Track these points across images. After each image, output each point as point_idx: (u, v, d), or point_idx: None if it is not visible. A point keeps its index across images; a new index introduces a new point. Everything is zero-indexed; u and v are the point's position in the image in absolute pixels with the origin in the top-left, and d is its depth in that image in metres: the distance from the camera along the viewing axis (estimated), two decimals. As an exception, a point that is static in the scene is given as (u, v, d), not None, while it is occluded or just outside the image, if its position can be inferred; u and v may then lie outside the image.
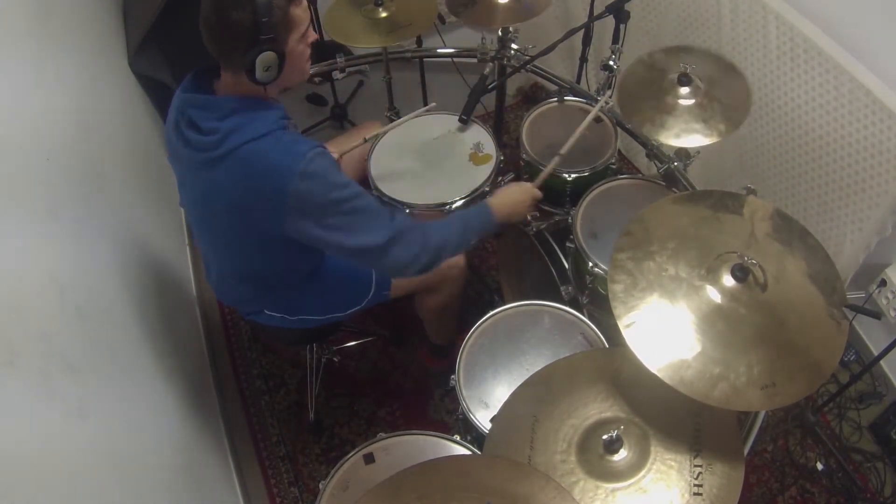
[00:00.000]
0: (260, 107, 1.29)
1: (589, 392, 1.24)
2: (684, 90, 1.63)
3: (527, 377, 1.31)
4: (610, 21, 1.93)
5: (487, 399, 1.49)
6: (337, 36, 2.00)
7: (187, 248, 2.45)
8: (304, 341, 2.02)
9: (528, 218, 1.88)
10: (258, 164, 1.25)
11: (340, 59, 2.23)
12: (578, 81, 2.44)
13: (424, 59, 2.58)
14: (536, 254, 1.87)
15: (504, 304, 1.63)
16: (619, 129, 1.95)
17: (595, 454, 1.14)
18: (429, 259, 1.43)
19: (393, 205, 1.79)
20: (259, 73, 1.22)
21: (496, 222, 1.58)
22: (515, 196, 1.65)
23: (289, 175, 1.23)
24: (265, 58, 1.21)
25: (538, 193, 1.70)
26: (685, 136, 1.61)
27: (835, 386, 2.04)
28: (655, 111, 1.64)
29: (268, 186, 1.25)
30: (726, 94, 1.62)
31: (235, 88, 1.29)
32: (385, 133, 1.91)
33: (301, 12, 1.26)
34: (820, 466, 1.96)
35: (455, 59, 2.52)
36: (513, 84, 3.05)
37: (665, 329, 1.12)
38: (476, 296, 2.38)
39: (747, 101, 1.62)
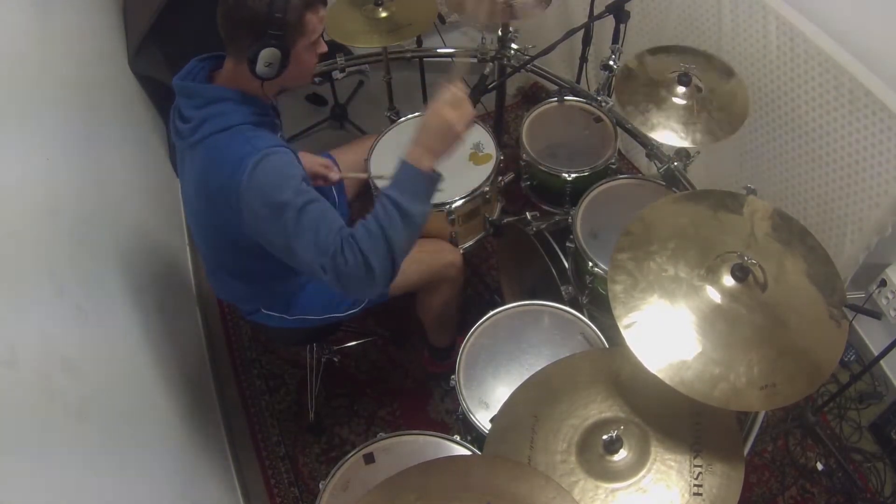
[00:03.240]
0: (239, 100, 1.29)
1: (589, 392, 1.24)
2: (682, 90, 1.63)
3: (527, 377, 1.31)
4: (610, 21, 1.93)
5: (487, 399, 1.49)
6: (337, 36, 2.00)
7: (187, 247, 2.45)
8: (304, 341, 2.02)
9: (532, 215, 1.86)
10: (217, 157, 1.25)
11: (340, 59, 2.23)
12: (578, 81, 2.44)
13: (424, 59, 2.58)
14: (536, 254, 1.87)
15: (504, 304, 1.63)
16: (619, 129, 1.96)
17: (595, 454, 1.14)
18: (383, 273, 1.23)
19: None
20: (259, 67, 1.23)
21: (430, 173, 1.24)
22: (434, 123, 1.24)
23: (241, 169, 1.22)
24: (268, 53, 1.22)
25: (461, 94, 1.25)
26: (677, 134, 1.62)
27: (835, 386, 2.04)
28: (652, 107, 1.64)
29: (224, 180, 1.25)
30: (725, 100, 1.62)
31: (233, 79, 1.30)
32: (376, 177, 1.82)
33: (316, 21, 1.27)
34: (820, 466, 1.96)
35: (455, 59, 2.51)
36: (513, 84, 3.05)
37: (665, 329, 1.12)
38: (476, 296, 2.38)
39: (745, 109, 1.62)
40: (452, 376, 1.51)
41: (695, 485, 1.10)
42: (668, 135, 1.62)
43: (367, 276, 1.21)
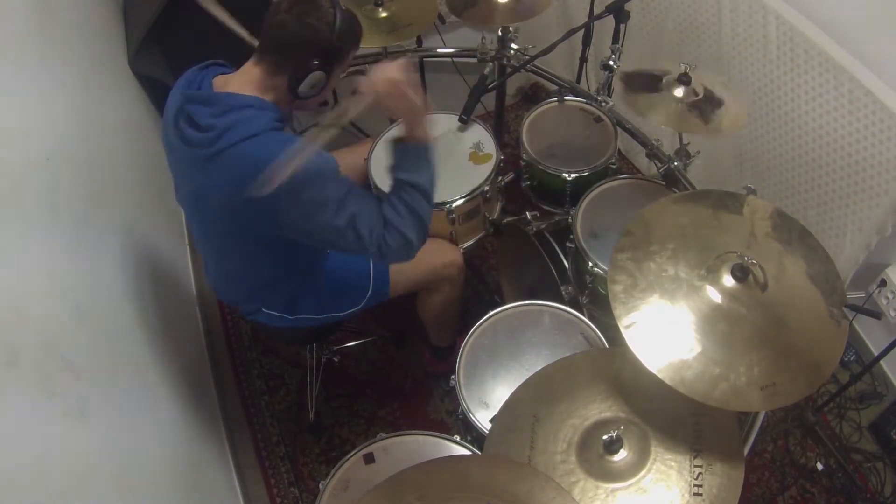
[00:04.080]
0: (260, 106, 1.28)
1: (589, 392, 1.24)
2: (682, 90, 1.63)
3: (527, 377, 1.31)
4: (610, 21, 1.93)
5: (487, 399, 1.49)
6: (337, 36, 1.99)
7: (187, 248, 2.45)
8: (304, 341, 2.02)
9: (532, 215, 1.86)
10: (248, 164, 1.24)
11: (340, 59, 2.23)
12: (578, 81, 2.44)
13: (424, 59, 2.58)
14: (536, 254, 1.87)
15: (504, 304, 1.63)
16: (619, 129, 1.96)
17: (595, 454, 1.14)
18: (420, 239, 1.36)
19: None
20: (304, 87, 1.25)
21: (423, 138, 1.34)
22: (403, 104, 1.30)
23: None
24: (318, 77, 1.24)
25: (388, 66, 1.27)
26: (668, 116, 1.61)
27: (835, 386, 2.04)
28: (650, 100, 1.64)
29: None
30: (720, 114, 1.62)
31: (255, 85, 1.29)
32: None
33: (351, 58, 1.30)
34: (820, 466, 1.96)
35: (455, 59, 2.51)
36: (513, 84, 3.05)
37: (665, 329, 1.12)
38: (476, 296, 2.38)
39: (742, 116, 1.61)
40: (452, 376, 1.51)
41: (695, 485, 1.10)
42: (661, 118, 1.61)
43: (407, 247, 1.34)
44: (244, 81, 1.30)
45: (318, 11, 1.24)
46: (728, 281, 1.14)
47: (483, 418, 1.44)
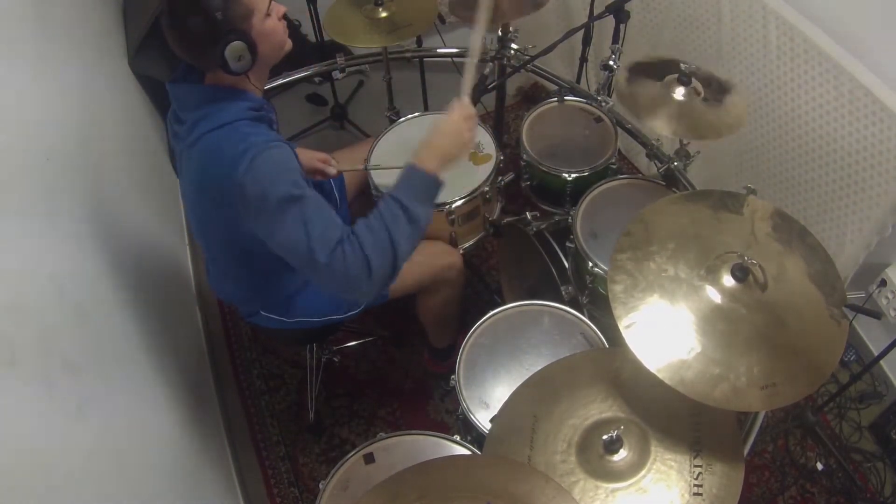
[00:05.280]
0: (232, 97, 1.28)
1: (589, 392, 1.24)
2: (682, 90, 1.63)
3: (527, 377, 1.31)
4: (610, 21, 1.93)
5: (487, 399, 1.49)
6: (337, 36, 2.00)
7: (187, 247, 2.45)
8: (304, 342, 2.03)
9: (532, 215, 1.86)
10: (214, 154, 1.25)
11: (340, 59, 2.23)
12: (578, 81, 2.44)
13: (424, 59, 2.58)
14: (536, 254, 1.87)
15: (504, 304, 1.63)
16: (619, 129, 1.95)
17: (595, 454, 1.14)
18: (382, 274, 1.25)
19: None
20: (233, 65, 1.22)
21: (436, 177, 1.31)
22: (445, 131, 1.34)
23: (237, 166, 1.21)
24: (233, 49, 1.20)
25: (471, 109, 1.37)
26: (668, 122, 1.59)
27: (835, 386, 2.04)
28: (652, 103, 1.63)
29: (220, 177, 1.24)
30: (722, 109, 1.61)
31: (218, 80, 1.30)
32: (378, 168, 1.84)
33: None
34: (820, 466, 1.96)
35: (455, 59, 2.51)
36: (513, 84, 3.05)
37: (665, 329, 1.12)
38: (476, 296, 2.37)
39: (741, 117, 1.60)
40: (452, 376, 1.51)
41: (695, 485, 1.10)
42: (660, 123, 1.59)
43: (362, 274, 1.22)
44: (215, 78, 1.30)
45: (181, 7, 1.19)
46: (728, 281, 1.14)
47: (483, 418, 1.44)
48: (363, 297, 1.33)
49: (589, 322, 1.58)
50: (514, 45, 2.16)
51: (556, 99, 2.03)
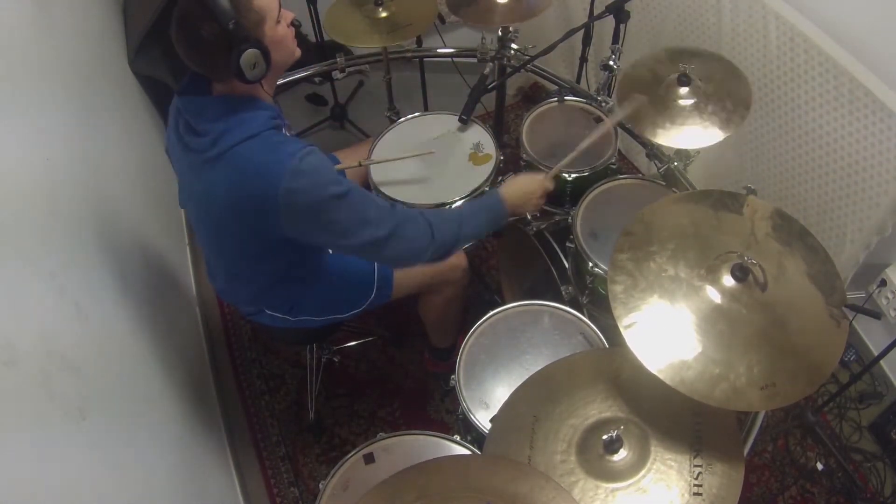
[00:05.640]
0: (252, 107, 1.28)
1: (589, 392, 1.24)
2: (684, 90, 1.63)
3: (527, 377, 1.31)
4: (610, 21, 1.93)
5: (487, 399, 1.49)
6: (337, 36, 2.00)
7: (187, 248, 2.45)
8: (305, 341, 2.03)
9: (532, 215, 1.87)
10: (248, 167, 1.25)
11: (340, 59, 2.23)
12: (578, 81, 2.44)
13: (424, 59, 2.58)
14: (536, 254, 1.87)
15: (504, 304, 1.63)
16: (618, 129, 1.95)
17: (595, 454, 1.14)
18: (436, 253, 1.43)
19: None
20: (249, 73, 1.21)
21: (507, 212, 1.55)
22: (527, 187, 1.61)
23: (278, 176, 1.22)
24: (248, 57, 1.20)
25: (550, 185, 1.66)
26: (684, 136, 1.61)
27: (835, 386, 2.04)
28: (655, 113, 1.64)
29: (259, 188, 1.25)
30: (727, 95, 1.62)
31: (231, 90, 1.29)
32: (382, 160, 1.87)
33: (266, 0, 1.25)
34: (820, 466, 1.96)
35: (455, 59, 2.52)
36: (513, 84, 3.05)
37: (665, 329, 1.12)
38: (476, 296, 2.38)
39: (748, 99, 1.61)
40: (452, 376, 1.51)
41: (695, 485, 1.10)
42: (686, 138, 1.62)
43: (425, 236, 1.40)
44: (227, 89, 1.30)
45: (192, 17, 1.19)
46: (728, 281, 1.14)
47: (483, 418, 1.44)
48: (417, 262, 1.48)
49: (589, 322, 1.58)
50: (514, 46, 2.16)
51: (556, 99, 2.03)
